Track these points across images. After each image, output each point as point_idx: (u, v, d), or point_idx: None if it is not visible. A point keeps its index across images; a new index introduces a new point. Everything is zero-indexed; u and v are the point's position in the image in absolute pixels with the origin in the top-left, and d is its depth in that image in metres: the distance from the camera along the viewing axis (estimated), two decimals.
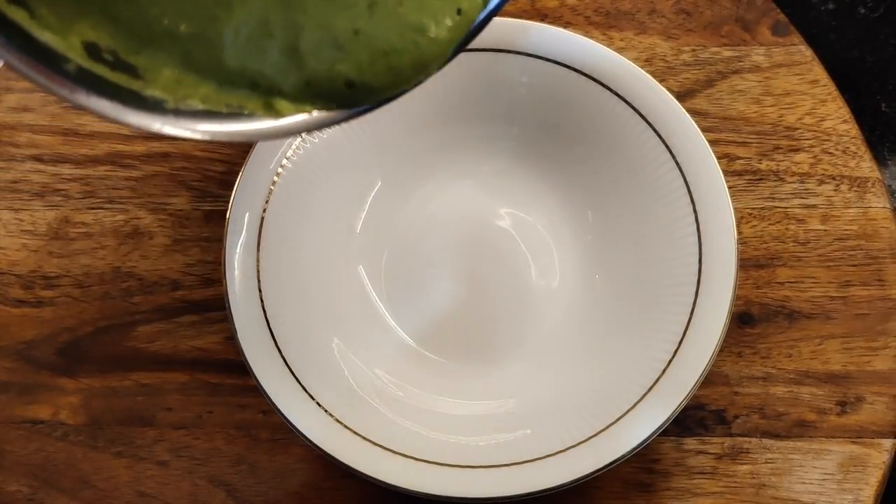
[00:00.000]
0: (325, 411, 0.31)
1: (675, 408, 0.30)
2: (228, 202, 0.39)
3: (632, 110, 0.34)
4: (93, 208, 0.40)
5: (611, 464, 0.29)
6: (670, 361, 0.31)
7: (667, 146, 0.34)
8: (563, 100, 0.36)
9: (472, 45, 0.35)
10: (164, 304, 0.38)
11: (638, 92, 0.34)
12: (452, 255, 0.38)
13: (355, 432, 0.31)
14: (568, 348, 0.35)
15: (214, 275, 0.38)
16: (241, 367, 0.35)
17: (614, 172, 0.36)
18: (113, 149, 0.41)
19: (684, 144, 0.33)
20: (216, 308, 0.38)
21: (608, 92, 0.35)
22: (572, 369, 0.34)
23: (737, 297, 0.32)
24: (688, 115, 0.34)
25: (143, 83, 0.20)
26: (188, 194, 0.40)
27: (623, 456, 0.29)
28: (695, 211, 0.33)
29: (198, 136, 0.20)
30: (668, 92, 0.34)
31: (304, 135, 0.35)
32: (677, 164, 0.34)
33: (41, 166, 0.41)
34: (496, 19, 0.35)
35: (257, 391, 0.31)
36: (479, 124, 0.37)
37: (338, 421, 0.31)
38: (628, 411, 0.30)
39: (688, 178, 0.33)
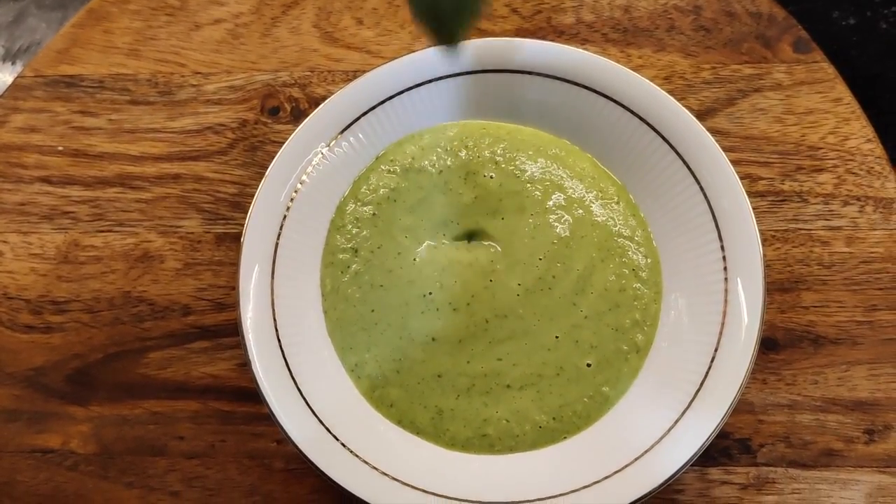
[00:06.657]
0: (341, 443, 0.31)
1: (705, 439, 0.29)
2: (240, 225, 0.39)
3: (654, 133, 0.33)
4: (102, 231, 0.39)
5: (637, 500, 0.28)
6: (696, 394, 0.30)
7: (690, 170, 0.33)
8: (587, 122, 0.35)
9: (493, 66, 0.35)
10: (175, 330, 0.37)
11: (664, 117, 0.33)
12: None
13: (373, 466, 0.30)
14: None
15: (226, 299, 0.38)
16: (254, 395, 0.34)
17: (637, 198, 0.35)
18: (122, 170, 0.40)
19: (712, 174, 0.32)
20: (228, 334, 0.37)
21: (627, 113, 0.34)
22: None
23: None
24: (718, 147, 0.32)
25: None
26: (199, 217, 0.39)
27: (651, 492, 0.28)
28: (720, 238, 0.32)
29: None
30: (694, 118, 0.33)
31: (324, 151, 0.34)
32: (702, 189, 0.33)
33: (49, 188, 0.40)
34: (516, 40, 0.34)
35: (271, 419, 0.31)
36: None
37: (354, 454, 0.31)
38: (654, 445, 0.29)
39: (713, 206, 0.32)
